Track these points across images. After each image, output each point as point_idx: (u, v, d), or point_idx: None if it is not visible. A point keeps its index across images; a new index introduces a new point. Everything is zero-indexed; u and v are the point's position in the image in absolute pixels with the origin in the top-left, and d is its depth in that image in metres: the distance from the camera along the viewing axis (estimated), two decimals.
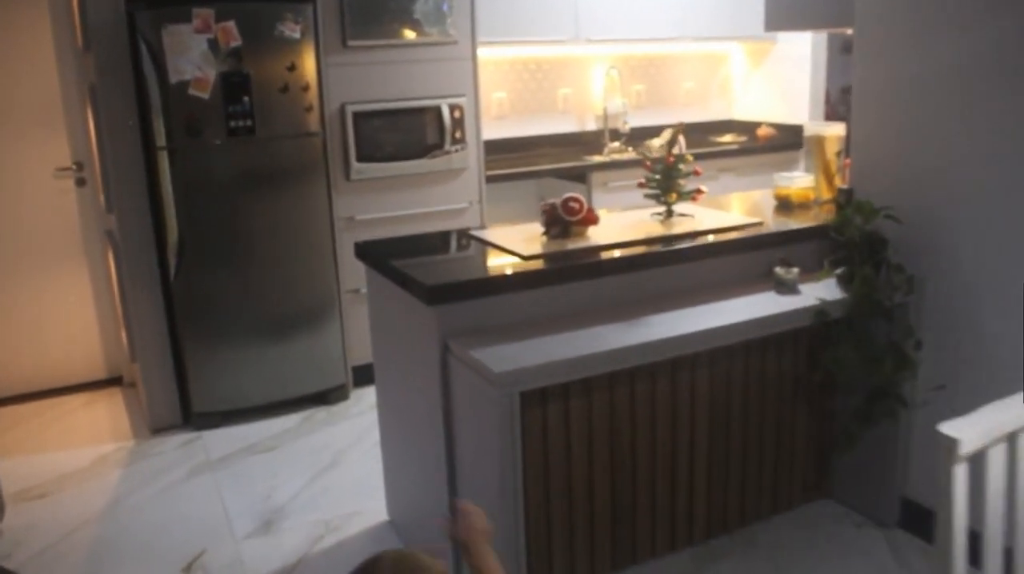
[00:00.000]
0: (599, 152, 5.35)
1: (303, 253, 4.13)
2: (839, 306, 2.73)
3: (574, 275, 2.57)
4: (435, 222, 4.42)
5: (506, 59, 5.21)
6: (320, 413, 4.23)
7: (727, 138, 5.85)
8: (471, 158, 4.47)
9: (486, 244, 2.81)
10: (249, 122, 3.87)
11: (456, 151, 4.40)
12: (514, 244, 2.74)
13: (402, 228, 4.33)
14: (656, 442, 2.65)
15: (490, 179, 4.59)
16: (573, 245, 2.72)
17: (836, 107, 5.75)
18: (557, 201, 2.79)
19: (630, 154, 5.34)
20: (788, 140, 5.64)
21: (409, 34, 4.23)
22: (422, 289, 2.37)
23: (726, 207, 3.40)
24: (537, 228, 2.89)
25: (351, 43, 4.10)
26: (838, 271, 2.79)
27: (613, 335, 2.42)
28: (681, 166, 3.00)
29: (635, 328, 2.48)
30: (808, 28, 4.14)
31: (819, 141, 3.39)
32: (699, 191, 3.04)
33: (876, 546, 2.98)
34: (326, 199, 4.16)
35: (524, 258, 2.60)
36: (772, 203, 3.45)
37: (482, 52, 4.50)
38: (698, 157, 5.25)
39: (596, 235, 2.82)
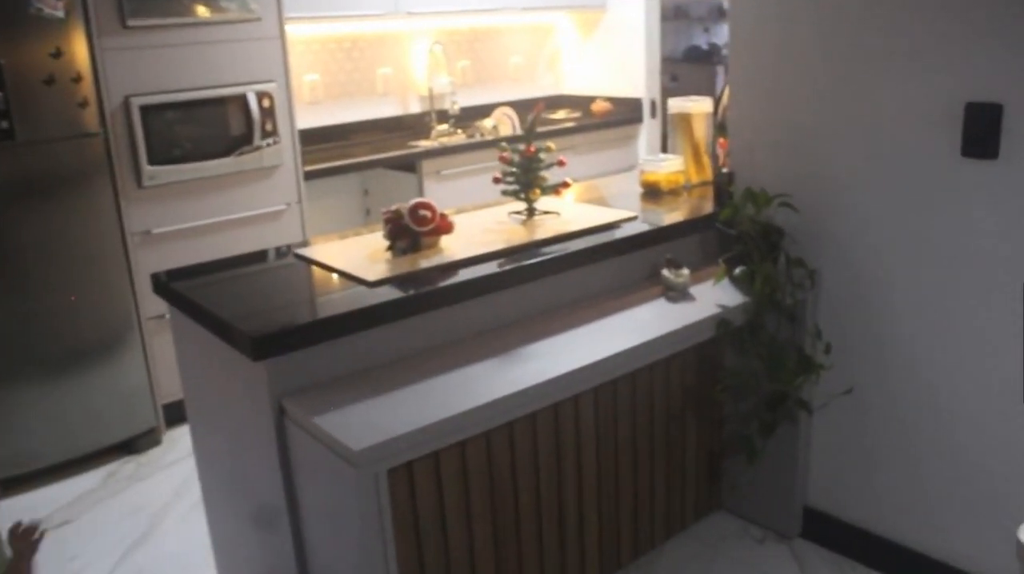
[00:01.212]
0: (426, 136, 4.86)
1: (90, 276, 3.44)
2: (740, 311, 2.38)
3: (433, 303, 2.09)
4: (248, 229, 3.82)
5: (317, 37, 4.61)
6: (127, 466, 3.57)
7: (560, 114, 5.48)
8: (285, 153, 3.88)
9: (318, 266, 2.29)
10: (5, 123, 3.14)
11: (268, 146, 3.80)
12: (354, 265, 2.22)
13: (209, 240, 3.71)
14: (540, 488, 2.22)
15: (308, 175, 4.02)
16: (427, 262, 2.24)
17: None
18: (403, 207, 2.30)
19: (460, 137, 4.89)
20: (626, 114, 5.34)
21: (203, 11, 3.58)
22: (246, 341, 1.83)
23: (583, 197, 2.99)
24: (375, 238, 2.40)
25: (131, 22, 3.42)
26: (737, 271, 2.43)
27: (487, 377, 1.96)
28: (543, 155, 2.57)
29: (511, 365, 2.02)
30: None
31: (685, 119, 3.04)
32: (565, 184, 2.62)
33: (782, 560, 2.72)
34: (114, 211, 3.48)
35: (369, 285, 2.10)
36: (636, 190, 3.08)
37: (290, 29, 3.91)
38: (533, 136, 4.88)
39: (451, 247, 2.35)
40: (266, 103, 3.77)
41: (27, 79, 3.17)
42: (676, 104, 3.08)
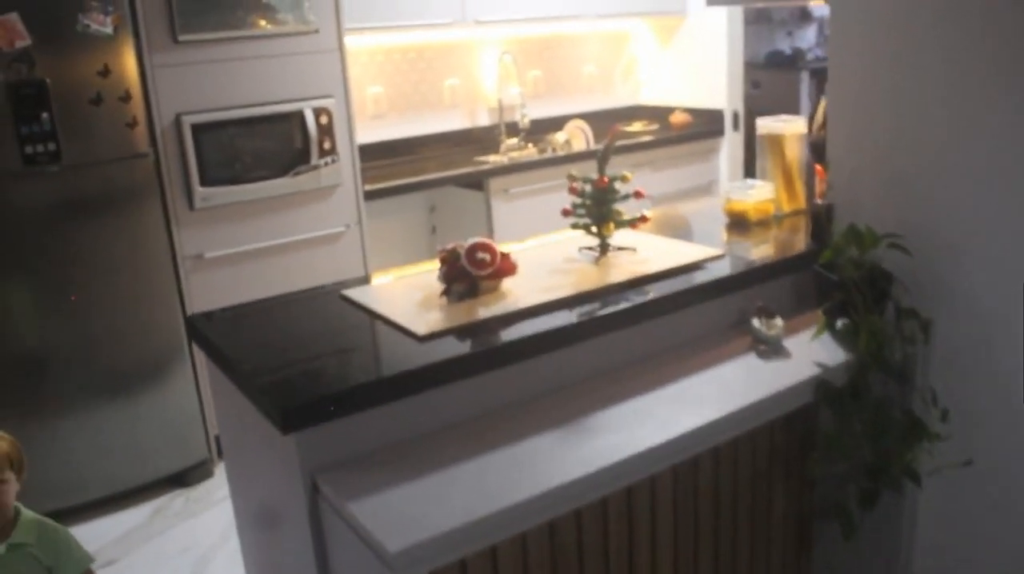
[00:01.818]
0: (495, 150, 4.62)
1: (140, 301, 3.29)
2: (841, 370, 2.08)
3: (490, 362, 1.84)
4: (305, 253, 3.62)
5: (380, 48, 4.41)
6: (177, 500, 3.40)
7: (636, 126, 5.19)
8: (345, 172, 3.67)
9: (365, 314, 2.05)
10: (52, 145, 2.99)
11: (326, 165, 3.60)
12: (403, 313, 1.98)
13: (264, 264, 3.53)
14: None
15: (370, 195, 3.81)
16: (485, 310, 1.99)
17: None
18: (460, 247, 2.06)
19: (531, 151, 4.63)
20: (707, 127, 5.03)
21: (258, 23, 3.39)
22: (276, 410, 1.60)
23: (662, 227, 2.71)
24: (432, 279, 2.15)
25: (183, 37, 3.24)
26: (839, 324, 2.13)
27: (551, 454, 1.70)
28: (617, 186, 2.30)
29: (579, 439, 1.76)
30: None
31: (776, 141, 2.74)
32: (643, 219, 2.34)
33: None
34: (164, 234, 3.32)
35: (420, 339, 1.85)
36: (718, 217, 2.78)
37: (350, 41, 3.71)
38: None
39: (513, 291, 2.09)
40: (324, 119, 3.56)
41: (74, 99, 3.02)
42: (766, 124, 2.78)
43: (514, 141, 4.69)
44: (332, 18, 3.55)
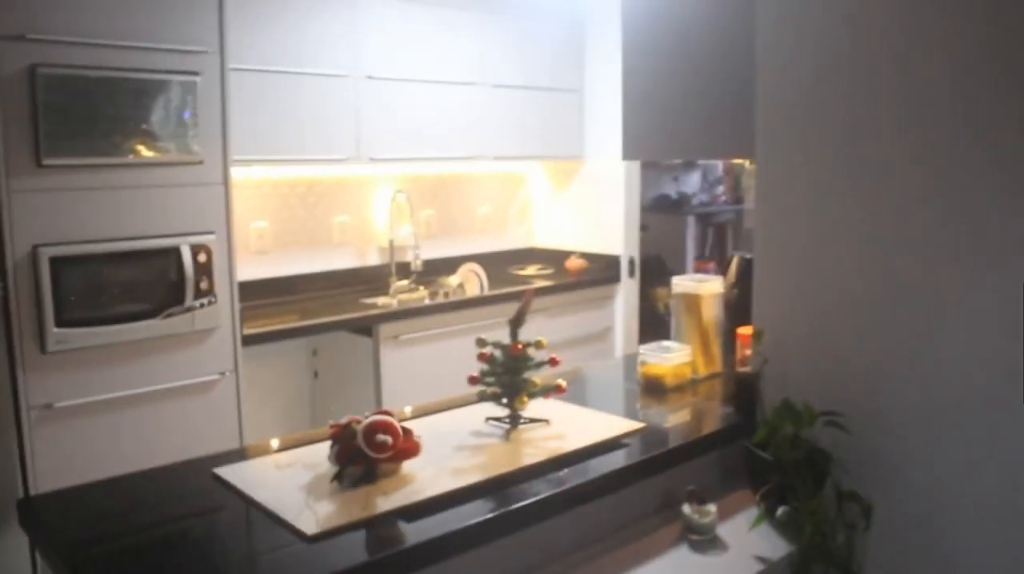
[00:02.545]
0: (385, 292, 4.38)
1: None
2: (783, 565, 1.87)
3: (394, 570, 1.54)
4: (173, 402, 3.25)
5: (267, 180, 4.16)
6: None
7: (531, 270, 5.06)
8: (222, 314, 3.35)
9: (241, 501, 1.73)
10: None
11: (202, 306, 3.27)
12: (289, 503, 1.68)
13: (125, 415, 3.13)
14: None
15: (249, 339, 3.48)
16: (385, 500, 1.70)
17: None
18: (356, 423, 1.78)
19: (422, 294, 4.42)
20: (603, 273, 4.93)
21: (137, 150, 3.11)
22: None
23: (571, 392, 2.49)
24: (320, 453, 1.86)
25: (48, 161, 2.92)
26: (779, 512, 1.93)
27: None
28: (531, 352, 2.09)
29: None
30: (678, 157, 3.37)
31: (693, 302, 2.60)
32: (559, 389, 2.12)
33: None
34: (7, 379, 2.91)
35: (308, 539, 1.55)
36: (628, 380, 2.61)
37: (236, 172, 3.45)
38: (502, 298, 4.43)
39: (416, 475, 1.82)
40: (203, 257, 3.26)
41: None
42: (682, 283, 2.64)
43: (405, 283, 4.47)
44: (218, 148, 3.30)
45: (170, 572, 1.46)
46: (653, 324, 5.17)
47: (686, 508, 1.95)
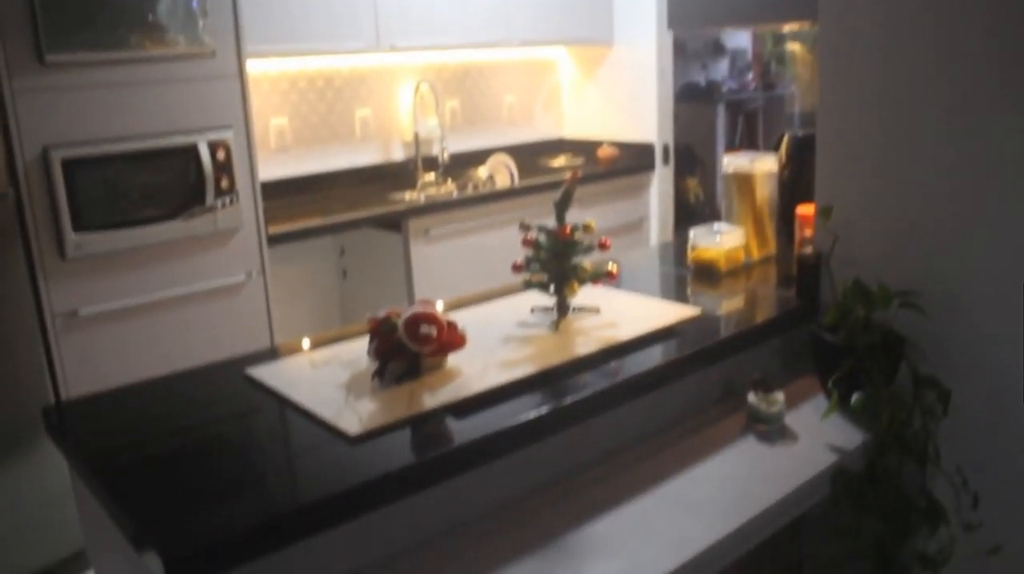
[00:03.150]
0: (411, 187, 4.22)
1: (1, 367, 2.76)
2: (857, 454, 1.74)
3: (446, 470, 1.43)
4: (200, 307, 3.14)
5: (285, 75, 3.97)
6: None
7: (560, 160, 4.87)
8: (245, 213, 3.21)
9: (276, 401, 1.62)
10: None
11: (223, 206, 3.13)
12: (328, 403, 1.56)
13: (151, 321, 3.04)
14: None
15: (274, 239, 3.35)
16: (432, 397, 1.58)
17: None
18: (396, 316, 1.65)
19: (450, 188, 4.25)
20: (636, 161, 4.73)
21: (144, 44, 2.93)
22: (159, 560, 1.15)
23: (619, 278, 2.35)
24: (358, 351, 1.74)
25: (51, 58, 2.75)
26: (854, 399, 1.79)
27: None
28: (579, 236, 1.94)
29: (569, 570, 1.37)
30: (731, 23, 3.13)
31: (745, 181, 2.42)
32: (610, 275, 1.98)
33: None
34: (29, 288, 2.81)
35: (352, 440, 1.43)
36: (677, 265, 2.46)
37: (252, 66, 3.27)
38: (534, 188, 4.27)
39: (462, 369, 1.69)
40: (221, 154, 3.11)
41: None
42: (734, 162, 2.46)
43: (432, 177, 4.30)
44: (231, 40, 3.11)
45: (205, 479, 1.35)
46: (686, 215, 5.00)
47: (751, 397, 1.82)
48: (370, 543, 1.40)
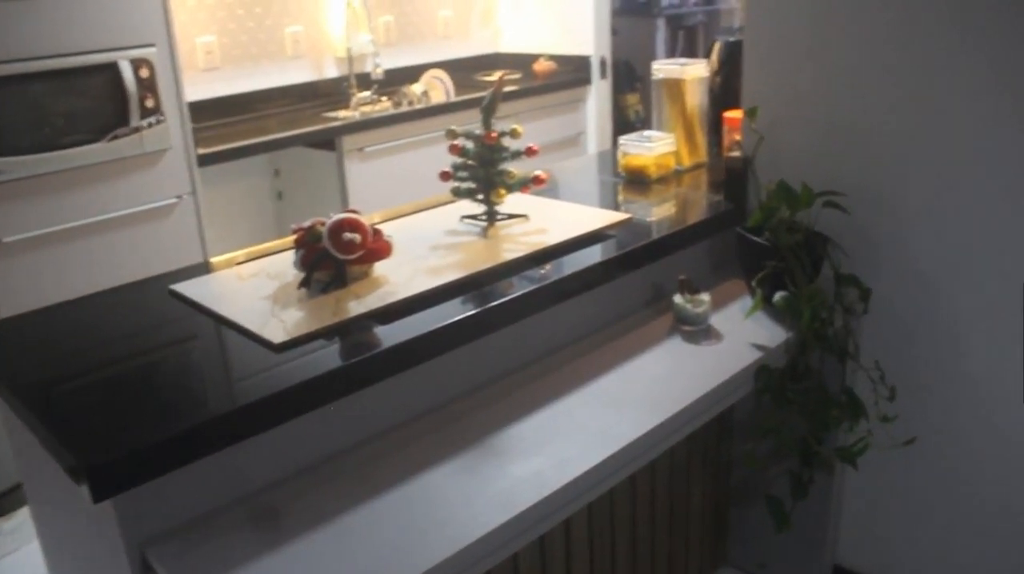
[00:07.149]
0: (345, 105, 4.15)
1: None
2: (780, 351, 1.79)
3: (371, 374, 1.44)
4: (130, 231, 3.09)
5: None
6: None
7: (497, 75, 4.78)
8: (173, 133, 3.14)
9: (201, 315, 1.61)
10: None
11: (149, 126, 3.05)
12: (253, 313, 1.55)
13: (80, 247, 2.97)
14: None
15: (204, 160, 3.28)
16: (358, 304, 1.58)
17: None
18: (320, 225, 1.63)
19: (386, 105, 4.19)
20: (573, 75, 4.69)
21: None
22: (83, 470, 1.15)
23: (549, 187, 2.35)
24: (285, 262, 1.73)
25: None
26: (777, 298, 1.82)
27: (453, 496, 1.33)
28: (506, 142, 1.93)
29: (488, 470, 1.39)
30: None
31: (675, 87, 2.42)
32: (538, 180, 1.98)
33: None
34: None
35: (276, 348, 1.43)
36: (609, 174, 2.47)
37: None
38: (470, 103, 4.22)
39: (388, 277, 1.69)
40: (145, 73, 3.02)
41: None
42: (664, 68, 2.46)
43: (366, 94, 4.23)
44: None
45: (127, 396, 1.34)
46: (625, 131, 4.98)
47: (677, 298, 1.85)
48: (297, 451, 1.42)
